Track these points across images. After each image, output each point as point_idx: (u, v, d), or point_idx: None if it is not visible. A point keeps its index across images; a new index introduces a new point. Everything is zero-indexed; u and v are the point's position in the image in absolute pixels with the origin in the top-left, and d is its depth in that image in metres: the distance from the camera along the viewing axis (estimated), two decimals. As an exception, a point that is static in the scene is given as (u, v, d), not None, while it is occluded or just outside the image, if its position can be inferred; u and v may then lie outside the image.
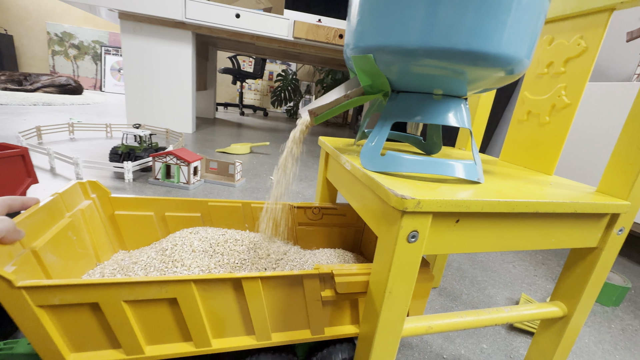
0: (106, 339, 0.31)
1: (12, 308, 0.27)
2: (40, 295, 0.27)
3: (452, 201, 0.28)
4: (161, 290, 0.30)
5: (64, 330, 0.30)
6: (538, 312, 0.42)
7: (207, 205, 0.51)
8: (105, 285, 0.28)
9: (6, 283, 0.26)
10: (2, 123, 1.67)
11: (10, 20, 3.64)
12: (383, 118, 0.37)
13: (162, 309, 0.31)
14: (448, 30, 0.29)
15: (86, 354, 0.31)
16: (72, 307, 0.29)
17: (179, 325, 0.33)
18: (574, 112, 0.44)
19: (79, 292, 0.28)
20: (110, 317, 0.30)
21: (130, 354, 0.32)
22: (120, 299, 0.29)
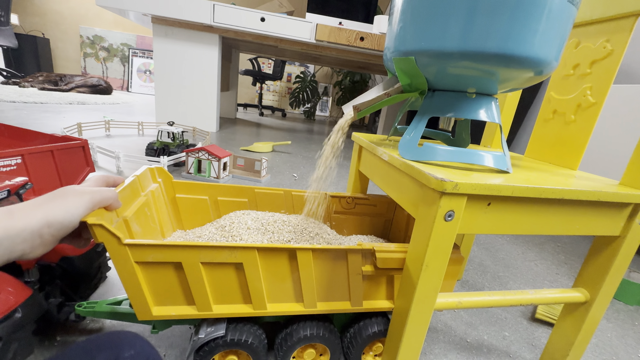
0: (183, 296, 0.37)
1: (118, 261, 0.33)
2: (139, 252, 0.33)
3: (485, 185, 0.32)
4: (231, 255, 0.35)
5: (151, 285, 0.35)
6: (562, 296, 0.45)
7: (253, 191, 0.57)
8: (189, 247, 0.34)
9: (116, 240, 0.31)
10: (44, 120, 1.79)
11: (47, 25, 3.87)
12: (420, 114, 0.41)
13: (229, 272, 0.37)
14: (484, 35, 0.33)
15: (166, 307, 0.37)
16: (160, 265, 0.34)
17: (242, 288, 0.38)
18: (598, 111, 0.47)
19: (169, 251, 0.34)
20: (189, 276, 0.35)
21: (201, 311, 0.37)
22: (199, 260, 0.34)
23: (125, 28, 4.09)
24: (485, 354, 0.55)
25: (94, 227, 0.30)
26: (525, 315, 0.67)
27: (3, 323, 0.35)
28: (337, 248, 0.38)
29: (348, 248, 0.38)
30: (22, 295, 0.38)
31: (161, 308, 0.37)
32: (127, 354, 0.27)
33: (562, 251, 1.03)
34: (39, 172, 0.63)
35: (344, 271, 0.40)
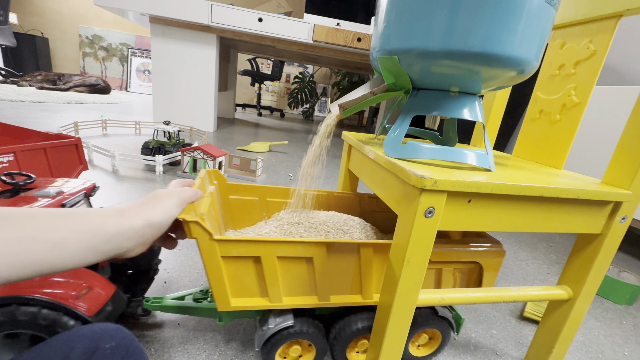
0: (257, 289, 0.40)
1: (207, 256, 0.36)
2: (225, 247, 0.36)
3: (464, 182, 0.33)
4: (304, 249, 0.39)
5: (231, 278, 0.39)
6: (545, 293, 0.45)
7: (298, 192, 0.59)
8: (269, 242, 0.37)
9: (208, 235, 0.34)
10: (42, 119, 1.80)
11: (46, 24, 3.88)
12: (404, 112, 0.42)
13: (300, 265, 0.40)
14: (465, 35, 0.33)
15: (242, 299, 0.40)
16: (241, 259, 0.38)
17: (309, 281, 0.41)
18: (582, 111, 0.47)
19: (251, 246, 0.37)
20: (266, 269, 0.38)
21: (272, 302, 0.41)
22: (275, 255, 0.38)
23: (124, 28, 4.10)
24: (472, 352, 0.55)
25: (191, 223, 0.33)
26: (514, 314, 0.67)
27: (99, 315, 0.38)
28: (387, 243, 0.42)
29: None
30: (109, 290, 0.41)
31: (238, 300, 0.40)
32: (107, 345, 0.28)
33: (554, 251, 1.04)
34: (31, 169, 0.63)
35: None
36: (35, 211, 0.22)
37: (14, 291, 0.35)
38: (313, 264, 0.40)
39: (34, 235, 0.21)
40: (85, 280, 0.40)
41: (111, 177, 1.09)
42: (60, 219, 0.23)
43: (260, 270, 0.39)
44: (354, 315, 0.46)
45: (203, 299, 0.49)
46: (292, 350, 0.45)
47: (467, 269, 0.48)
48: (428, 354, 0.52)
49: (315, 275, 0.41)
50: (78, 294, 0.37)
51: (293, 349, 0.45)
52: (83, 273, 0.40)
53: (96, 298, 0.39)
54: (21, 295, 0.35)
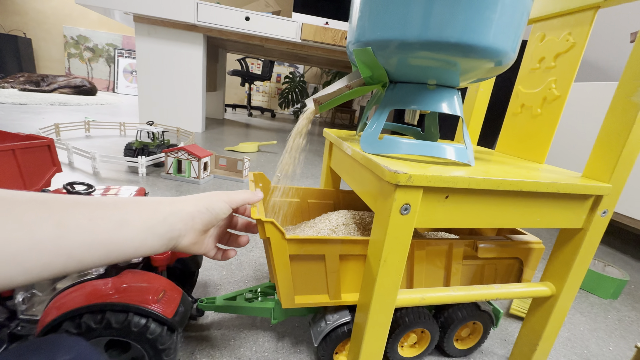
0: (317, 286, 0.41)
1: (278, 255, 0.37)
2: (294, 246, 0.37)
3: (441, 177, 0.32)
4: (364, 248, 0.39)
5: (296, 276, 0.40)
6: (528, 290, 0.44)
7: (337, 194, 0.61)
8: (333, 241, 0.38)
9: (281, 235, 0.36)
10: (22, 121, 1.74)
11: (29, 24, 3.78)
12: (382, 106, 0.40)
13: (358, 263, 0.41)
14: (441, 25, 0.32)
15: (304, 296, 0.41)
16: (307, 257, 0.39)
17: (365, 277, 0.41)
18: (563, 104, 0.47)
19: (317, 245, 0.38)
20: (329, 267, 0.40)
21: (332, 299, 0.42)
22: (338, 253, 0.39)
23: (110, 28, 4.02)
24: (458, 351, 0.54)
25: (266, 224, 0.35)
26: (501, 311, 0.67)
27: (176, 317, 0.39)
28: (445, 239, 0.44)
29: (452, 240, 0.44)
30: (179, 292, 0.42)
31: (300, 297, 0.41)
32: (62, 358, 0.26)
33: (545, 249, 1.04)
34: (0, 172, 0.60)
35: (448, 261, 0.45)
36: (101, 199, 0.25)
37: (100, 299, 0.35)
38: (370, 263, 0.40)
39: (101, 214, 0.24)
40: (158, 284, 0.40)
41: (91, 179, 1.06)
42: (121, 203, 0.26)
43: (323, 268, 0.40)
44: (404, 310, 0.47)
45: (254, 299, 0.50)
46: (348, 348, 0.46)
47: (509, 265, 0.49)
48: (470, 346, 0.53)
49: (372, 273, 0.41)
50: (157, 297, 0.38)
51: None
52: (153, 278, 0.41)
53: (171, 300, 0.40)
54: (109, 302, 0.35)
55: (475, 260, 0.47)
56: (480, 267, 0.48)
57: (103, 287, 0.37)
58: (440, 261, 0.45)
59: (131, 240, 0.25)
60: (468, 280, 0.48)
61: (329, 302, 0.42)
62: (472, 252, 0.46)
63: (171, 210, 0.28)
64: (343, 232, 0.50)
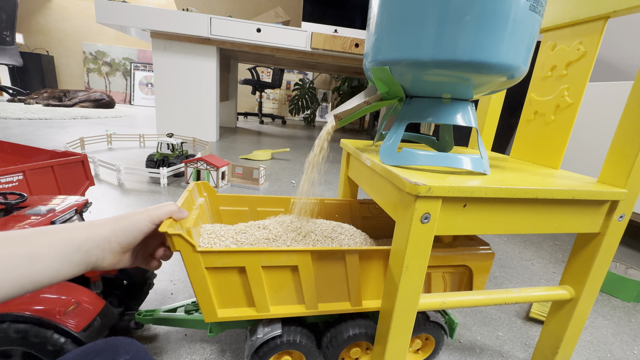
0: (244, 299, 0.40)
1: (191, 267, 0.36)
2: (209, 258, 0.36)
3: (458, 187, 0.34)
4: (289, 258, 0.39)
5: (217, 289, 0.39)
6: (547, 294, 0.45)
7: (289, 201, 0.60)
8: (253, 252, 0.37)
9: (191, 247, 0.35)
10: (49, 135, 1.84)
11: (51, 42, 3.98)
12: (399, 120, 0.43)
13: (285, 274, 0.40)
14: (454, 44, 0.34)
15: (229, 309, 0.40)
16: (226, 270, 0.38)
17: (296, 289, 0.41)
18: (576, 111, 0.48)
19: (235, 257, 0.37)
20: (251, 279, 0.39)
21: (260, 311, 0.41)
22: (260, 264, 0.38)
23: (126, 43, 4.18)
24: (478, 354, 0.55)
25: (173, 236, 0.34)
26: (520, 315, 0.67)
27: (87, 331, 0.39)
28: (381, 249, 0.42)
29: (388, 249, 0.41)
30: (98, 305, 0.42)
31: (225, 310, 0.40)
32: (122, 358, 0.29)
33: (560, 249, 1.03)
34: (40, 187, 0.65)
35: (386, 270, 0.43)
36: (9, 233, 0.25)
37: (5, 309, 0.36)
38: (299, 273, 0.40)
39: (10, 252, 0.24)
40: (74, 296, 0.40)
41: (117, 190, 1.12)
42: (32, 237, 0.26)
43: (246, 280, 0.39)
44: (344, 323, 0.46)
45: (195, 311, 0.49)
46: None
47: (457, 273, 0.49)
48: (422, 359, 0.52)
49: (301, 283, 0.41)
50: (66, 310, 0.38)
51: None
52: (72, 289, 0.41)
53: (84, 313, 0.39)
54: (12, 312, 0.36)
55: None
56: (427, 276, 0.46)
57: None
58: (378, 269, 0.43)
59: (45, 272, 0.25)
60: None
61: (257, 315, 0.40)
62: None
63: (87, 236, 0.28)
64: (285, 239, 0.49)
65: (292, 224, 0.52)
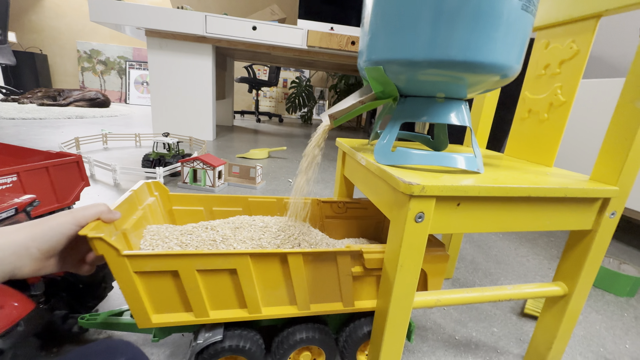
0: (180, 303, 0.39)
1: (117, 272, 0.34)
2: (137, 262, 0.35)
3: (452, 186, 0.34)
4: (225, 261, 0.37)
5: (150, 294, 0.37)
6: (540, 290, 0.46)
7: (247, 200, 0.59)
8: (185, 255, 0.36)
9: (115, 251, 0.33)
10: (44, 135, 1.82)
11: (44, 41, 3.93)
12: (393, 119, 0.43)
13: (224, 278, 0.39)
14: (447, 44, 0.34)
15: (165, 315, 0.39)
16: (158, 274, 0.36)
17: (237, 293, 0.40)
18: (569, 109, 0.48)
19: (165, 260, 0.36)
20: (185, 283, 0.37)
21: (198, 317, 0.39)
22: (194, 268, 0.36)
23: (121, 41, 4.14)
24: (473, 350, 0.56)
25: (94, 240, 0.32)
26: (515, 311, 0.68)
27: (5, 336, 0.37)
28: (326, 251, 0.40)
29: (337, 250, 0.40)
30: (25, 309, 0.40)
31: (160, 316, 0.39)
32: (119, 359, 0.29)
33: (555, 245, 1.04)
34: (35, 188, 0.64)
35: (334, 273, 0.42)
36: None
37: None
38: (238, 276, 0.38)
39: None
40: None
41: (113, 191, 1.11)
42: None
43: (181, 284, 0.37)
44: (295, 327, 0.45)
45: None
46: None
47: None
48: None
49: (241, 287, 0.39)
50: None
51: None
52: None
53: (6, 317, 0.37)
54: None
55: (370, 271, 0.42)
56: (376, 280, 0.44)
57: None
58: (329, 273, 0.41)
59: None
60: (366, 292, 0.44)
61: (195, 320, 0.39)
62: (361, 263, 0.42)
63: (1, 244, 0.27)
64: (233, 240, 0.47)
65: (242, 224, 0.51)
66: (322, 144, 0.47)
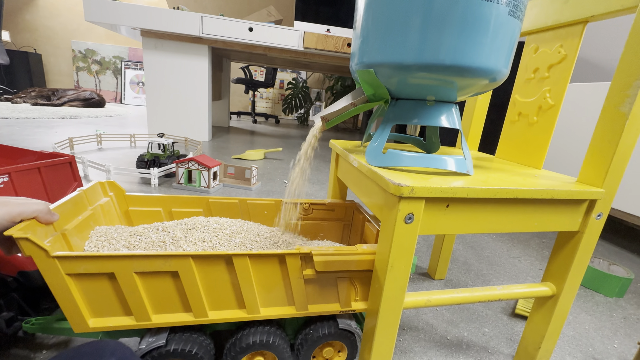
0: (120, 307, 0.37)
1: (48, 275, 0.33)
2: (69, 264, 0.33)
3: (441, 188, 0.34)
4: (165, 264, 0.35)
5: (86, 297, 0.36)
6: (529, 290, 0.46)
7: (208, 201, 0.58)
8: (121, 257, 0.34)
9: (44, 253, 0.32)
10: (37, 135, 1.81)
11: (39, 40, 3.89)
12: (384, 121, 0.43)
13: (166, 281, 0.37)
14: (436, 48, 0.35)
15: (103, 319, 0.37)
16: (94, 276, 0.35)
17: (181, 296, 0.38)
18: (557, 112, 0.49)
19: (100, 262, 0.34)
20: (123, 286, 0.35)
21: (139, 321, 0.37)
22: (132, 270, 0.35)
23: (117, 41, 4.12)
24: (465, 351, 0.56)
25: (20, 240, 0.31)
26: (506, 311, 0.69)
27: None
28: (274, 253, 0.38)
29: (286, 252, 0.39)
30: None
31: (98, 320, 0.37)
32: None
33: (547, 247, 1.05)
34: (27, 189, 0.64)
35: (285, 276, 0.40)
36: None
37: None
38: (180, 279, 0.37)
39: None
40: None
41: (107, 191, 1.10)
42: None
43: (119, 287, 0.36)
44: (247, 330, 0.43)
45: None
46: None
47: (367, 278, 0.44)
48: None
49: (185, 290, 0.37)
50: None
51: None
52: None
53: None
54: None
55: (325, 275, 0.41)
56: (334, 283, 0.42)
57: None
58: (279, 275, 0.40)
59: None
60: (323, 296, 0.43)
61: (137, 325, 0.37)
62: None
63: None
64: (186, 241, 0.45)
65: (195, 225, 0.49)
66: (315, 144, 0.47)
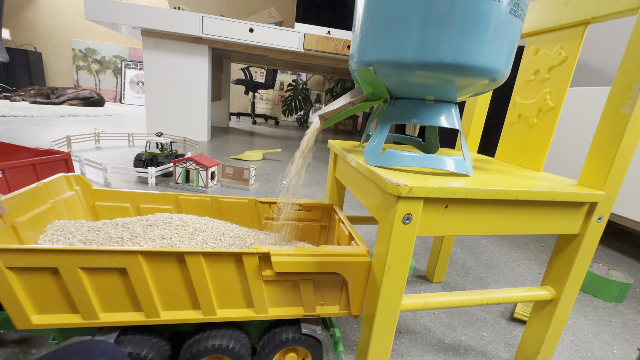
0: (66, 304, 0.36)
1: None
2: (8, 257, 0.32)
3: (440, 188, 0.34)
4: (112, 260, 0.34)
5: (29, 293, 0.35)
6: (528, 294, 0.46)
7: (177, 198, 0.56)
8: (65, 251, 0.33)
9: None
10: (35, 133, 1.80)
11: (39, 39, 3.89)
12: (383, 121, 0.43)
13: (114, 278, 0.36)
14: (436, 47, 0.34)
15: (48, 316, 0.36)
16: (36, 270, 0.34)
17: (130, 295, 0.37)
18: (558, 114, 0.49)
19: (41, 256, 0.33)
20: (68, 282, 0.34)
21: (86, 319, 0.36)
22: (76, 266, 0.34)
23: (117, 40, 4.12)
24: (462, 355, 0.55)
25: None
26: (505, 315, 0.68)
27: None
28: (229, 251, 0.37)
29: (243, 252, 0.37)
30: None
31: (43, 317, 0.36)
32: None
33: (546, 251, 1.05)
34: (20, 186, 0.63)
35: (243, 276, 0.39)
36: None
37: None
38: (129, 276, 0.35)
39: None
40: None
41: (103, 190, 1.09)
42: None
43: (63, 283, 0.34)
44: (205, 333, 0.40)
45: None
46: None
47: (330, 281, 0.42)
48: None
49: (134, 288, 0.36)
50: None
51: None
52: None
53: None
54: None
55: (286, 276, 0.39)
56: (295, 286, 0.41)
57: None
58: (236, 276, 0.38)
59: None
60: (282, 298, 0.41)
61: (84, 323, 0.36)
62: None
63: None
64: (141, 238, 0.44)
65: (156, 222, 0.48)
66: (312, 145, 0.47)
